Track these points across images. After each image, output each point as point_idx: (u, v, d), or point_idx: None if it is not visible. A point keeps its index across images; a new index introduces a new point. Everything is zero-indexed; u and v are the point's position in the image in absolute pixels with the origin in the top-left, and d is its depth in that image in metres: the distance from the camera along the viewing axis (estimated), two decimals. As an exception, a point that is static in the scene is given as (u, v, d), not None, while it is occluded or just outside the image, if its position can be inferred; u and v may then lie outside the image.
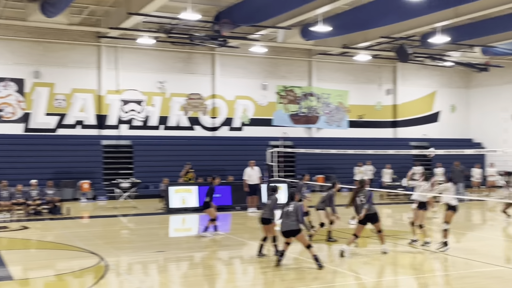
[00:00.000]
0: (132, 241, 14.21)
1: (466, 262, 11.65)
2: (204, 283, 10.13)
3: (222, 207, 20.49)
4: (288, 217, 10.86)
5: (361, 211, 12.01)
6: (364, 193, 12.10)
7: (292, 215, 10.82)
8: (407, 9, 19.99)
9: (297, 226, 10.83)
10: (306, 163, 28.68)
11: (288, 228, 10.81)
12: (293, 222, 10.80)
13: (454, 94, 34.82)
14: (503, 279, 10.24)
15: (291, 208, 10.89)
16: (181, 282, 10.28)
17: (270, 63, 30.37)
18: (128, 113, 27.51)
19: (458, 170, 23.63)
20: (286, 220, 10.86)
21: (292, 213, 10.84)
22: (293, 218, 10.82)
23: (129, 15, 21.82)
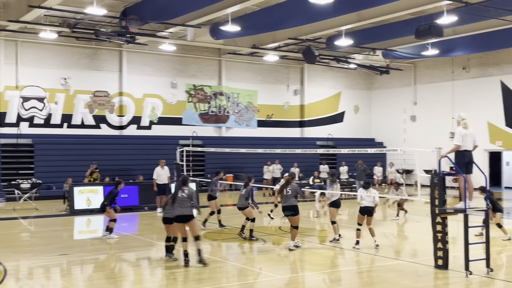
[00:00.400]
0: (33, 244, 13.56)
1: (369, 257, 12.16)
2: (110, 286, 9.85)
3: (129, 208, 20.09)
4: (182, 203, 10.85)
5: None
6: (292, 186, 12.57)
7: (186, 201, 10.84)
8: (314, 12, 20.55)
9: (190, 212, 10.94)
10: (215, 162, 28.71)
11: (181, 213, 10.85)
12: (187, 208, 10.86)
13: (357, 95, 36.25)
14: (404, 272, 10.79)
15: (185, 194, 10.90)
16: (85, 286, 9.94)
17: (180, 61, 30.11)
18: (29, 110, 26.21)
19: (360, 169, 24.64)
20: (179, 206, 10.85)
21: (186, 199, 10.85)
22: (187, 204, 10.86)
23: (31, 8, 20.79)
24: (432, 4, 20.25)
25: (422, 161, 16.32)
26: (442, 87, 32.58)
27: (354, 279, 10.16)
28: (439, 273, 10.37)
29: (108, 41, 24.75)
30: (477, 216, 11.23)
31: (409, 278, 10.29)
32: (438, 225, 10.57)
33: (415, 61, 33.53)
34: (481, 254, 10.42)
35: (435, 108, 32.51)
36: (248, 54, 30.34)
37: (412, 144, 29.19)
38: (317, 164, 29.95)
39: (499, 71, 29.96)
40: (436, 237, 10.60)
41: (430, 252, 10.97)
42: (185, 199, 10.85)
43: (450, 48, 27.54)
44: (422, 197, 13.13)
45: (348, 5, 20.30)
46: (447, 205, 10.98)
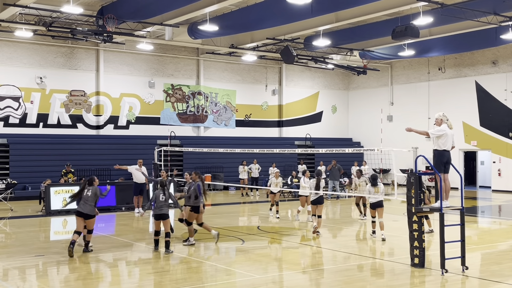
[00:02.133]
0: (8, 245, 13.36)
1: (346, 256, 12.26)
2: (87, 287, 9.76)
3: (106, 208, 19.91)
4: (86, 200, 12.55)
5: None
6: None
7: (90, 200, 12.54)
8: (292, 12, 20.63)
9: (167, 211, 12.62)
10: (194, 162, 28.62)
11: (160, 212, 12.58)
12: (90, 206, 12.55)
13: (335, 95, 36.47)
14: (380, 271, 10.91)
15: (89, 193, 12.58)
16: (62, 287, 9.84)
17: (157, 60, 29.96)
18: (4, 110, 25.82)
19: (335, 168, 24.82)
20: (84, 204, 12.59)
21: (89, 198, 12.58)
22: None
23: (5, 5, 20.48)
24: (408, 5, 20.48)
25: (398, 160, 16.49)
26: (418, 88, 32.98)
27: (331, 278, 10.23)
28: (416, 271, 10.50)
29: (84, 40, 24.51)
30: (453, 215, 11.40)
31: (385, 277, 10.40)
32: (415, 224, 10.70)
33: (392, 62, 33.87)
34: (457, 253, 10.58)
35: (412, 108, 32.88)
36: (226, 54, 30.32)
37: (389, 144, 29.50)
38: (295, 163, 30.07)
39: (474, 72, 30.43)
40: (412, 235, 10.73)
41: (406, 250, 11.10)
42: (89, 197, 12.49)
43: (426, 49, 27.89)
44: (398, 196, 13.27)
45: (326, 6, 20.42)
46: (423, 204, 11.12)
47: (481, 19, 21.51)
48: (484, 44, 26.52)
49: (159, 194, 12.62)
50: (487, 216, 20.68)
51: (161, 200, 12.56)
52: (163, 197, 12.59)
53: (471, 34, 24.94)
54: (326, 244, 13.70)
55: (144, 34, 26.09)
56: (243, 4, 22.27)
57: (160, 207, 12.54)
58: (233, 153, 23.73)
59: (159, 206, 12.55)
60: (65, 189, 20.04)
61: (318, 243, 13.85)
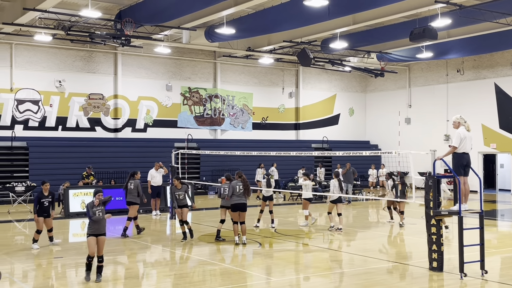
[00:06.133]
0: (27, 247, 13.50)
1: (363, 259, 12.18)
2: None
3: (124, 210, 20.01)
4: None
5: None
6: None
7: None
8: (308, 14, 20.60)
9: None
10: (210, 165, 28.71)
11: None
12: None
13: (352, 97, 36.32)
14: (399, 274, 10.82)
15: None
16: (80, 289, 9.92)
17: (175, 64, 30.11)
18: (24, 113, 26.15)
19: (349, 171, 24.68)
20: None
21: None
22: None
23: (25, 10, 20.74)
24: (426, 7, 20.32)
25: (416, 163, 16.33)
26: (436, 90, 32.70)
27: (348, 282, 10.17)
28: (434, 275, 10.40)
29: (103, 44, 24.74)
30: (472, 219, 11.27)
31: (403, 281, 10.31)
32: (433, 227, 10.60)
33: (410, 64, 33.64)
34: (476, 256, 10.45)
35: (430, 111, 32.61)
36: (243, 56, 30.37)
37: (406, 147, 29.25)
38: (312, 166, 29.98)
39: (493, 73, 30.09)
40: (431, 239, 10.63)
41: (425, 254, 11.00)
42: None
43: (444, 51, 27.65)
44: (416, 200, 13.16)
45: (343, 8, 20.36)
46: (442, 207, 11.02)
47: (500, 21, 21.27)
48: (504, 45, 26.21)
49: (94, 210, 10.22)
50: (507, 220, 20.41)
51: (98, 216, 10.19)
52: (100, 213, 10.18)
53: (490, 36, 24.66)
54: (344, 248, 13.63)
55: (162, 37, 26.23)
56: (260, 7, 22.29)
57: (98, 221, 10.21)
58: (250, 156, 23.73)
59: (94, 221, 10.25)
60: (84, 191, 20.22)
61: (336, 246, 13.78)
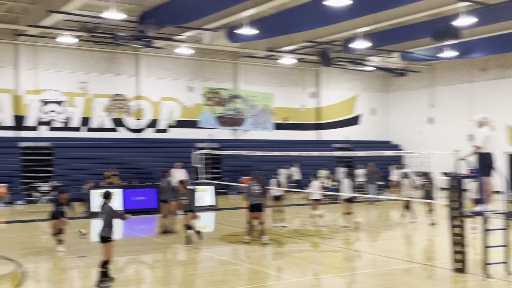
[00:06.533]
0: (52, 246, 13.70)
1: (386, 260, 12.11)
2: (128, 287, 9.93)
3: (147, 210, 20.25)
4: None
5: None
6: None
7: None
8: (330, 14, 20.54)
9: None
10: (232, 165, 28.78)
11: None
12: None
13: (374, 97, 36.09)
14: (422, 276, 10.74)
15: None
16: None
17: (196, 64, 30.26)
18: (48, 114, 26.54)
19: (372, 171, 24.54)
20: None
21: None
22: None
23: (49, 13, 21.07)
24: (449, 5, 20.11)
25: (439, 163, 16.18)
26: (460, 89, 32.31)
27: (370, 282, 10.12)
28: (457, 276, 10.29)
29: (125, 45, 24.98)
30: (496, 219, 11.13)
31: (426, 282, 10.23)
32: (456, 228, 10.50)
33: (433, 63, 33.29)
34: (500, 258, 10.32)
35: (453, 110, 32.24)
36: (264, 57, 30.39)
37: (429, 147, 29.01)
38: (333, 166, 29.84)
39: (518, 72, 29.64)
40: (454, 240, 10.52)
41: (448, 255, 10.90)
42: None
43: (468, 50, 27.30)
44: (440, 200, 13.03)
45: (365, 8, 20.25)
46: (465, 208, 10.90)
47: (525, 19, 20.97)
48: (529, 44, 25.81)
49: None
50: (533, 221, 20.05)
51: (100, 218, 9.99)
52: (101, 214, 9.96)
53: (514, 34, 24.31)
54: (366, 248, 13.57)
55: (183, 38, 26.40)
56: (281, 7, 22.29)
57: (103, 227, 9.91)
58: (271, 156, 23.74)
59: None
60: (107, 191, 20.41)
61: (358, 247, 13.73)
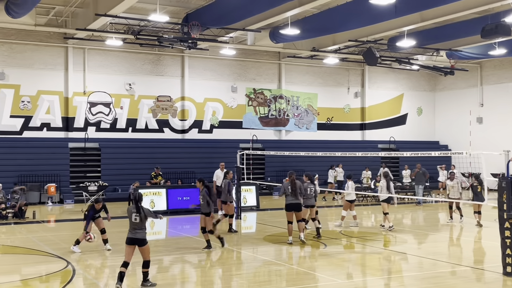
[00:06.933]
0: (99, 245, 14.00)
1: (433, 262, 11.85)
2: (173, 286, 10.05)
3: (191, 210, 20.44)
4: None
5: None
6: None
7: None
8: (375, 13, 20.27)
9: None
10: (275, 165, 28.78)
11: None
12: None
13: (420, 97, 35.43)
14: (470, 279, 10.46)
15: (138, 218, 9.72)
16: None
17: (240, 65, 30.40)
18: (96, 115, 27.16)
19: (419, 172, 24.07)
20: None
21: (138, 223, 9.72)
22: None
23: (97, 16, 21.57)
24: (499, 2, 19.53)
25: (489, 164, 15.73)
26: (510, 88, 31.36)
27: (416, 285, 9.91)
28: (508, 280, 9.98)
29: (170, 47, 25.32)
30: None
31: (475, 285, 9.96)
32: (507, 231, 10.18)
33: (482, 61, 32.43)
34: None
35: (503, 110, 31.32)
36: (308, 57, 30.26)
37: (478, 147, 28.25)
38: (378, 167, 29.44)
39: None
40: (504, 243, 10.21)
41: (498, 258, 10.57)
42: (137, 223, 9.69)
43: (518, 47, 26.47)
44: (489, 202, 12.67)
45: (411, 6, 19.89)
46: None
47: None
48: None
49: (131, 214, 9.76)
50: None
51: (134, 221, 9.73)
52: (136, 217, 9.69)
53: None
54: (412, 250, 13.32)
55: (227, 39, 26.56)
56: (324, 6, 22.14)
57: (133, 229, 9.75)
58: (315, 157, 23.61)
59: (131, 229, 9.78)
60: (153, 191, 20.77)
61: (404, 249, 13.48)
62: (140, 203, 9.85)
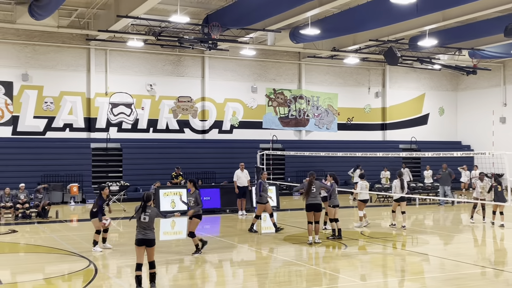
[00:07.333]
0: (121, 244, 14.13)
1: (455, 264, 11.73)
2: (194, 286, 10.11)
3: (211, 210, 20.56)
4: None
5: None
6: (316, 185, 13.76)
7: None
8: (396, 12, 20.12)
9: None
10: (295, 166, 28.74)
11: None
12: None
13: (442, 96, 35.07)
14: (491, 281, 10.33)
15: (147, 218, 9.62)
16: (170, 286, 10.25)
17: (260, 66, 30.42)
18: (117, 116, 27.41)
19: (445, 173, 23.80)
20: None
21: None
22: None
23: (118, 17, 21.77)
24: (523, 0, 19.26)
25: (512, 165, 15.54)
26: (534, 87, 30.88)
27: (440, 287, 9.82)
28: (532, 283, 9.83)
29: (191, 48, 25.46)
30: None
31: (500, 287, 9.82)
32: (531, 233, 10.03)
33: (505, 60, 31.97)
34: None
35: (527, 109, 30.85)
36: (328, 57, 30.16)
37: (501, 147, 27.85)
38: (399, 168, 29.20)
39: None
40: (528, 245, 10.06)
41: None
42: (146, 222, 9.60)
43: (543, 46, 26.06)
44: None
45: (432, 4, 19.71)
46: None
47: None
48: None
49: (138, 213, 9.68)
50: None
51: (143, 221, 9.63)
52: (145, 217, 9.62)
53: None
54: (434, 252, 13.19)
55: (247, 40, 26.61)
56: (345, 6, 22.06)
57: (143, 230, 9.64)
58: (335, 157, 23.54)
59: (141, 229, 9.67)
60: (174, 191, 20.89)
61: (426, 250, 13.37)
62: (148, 203, 9.74)
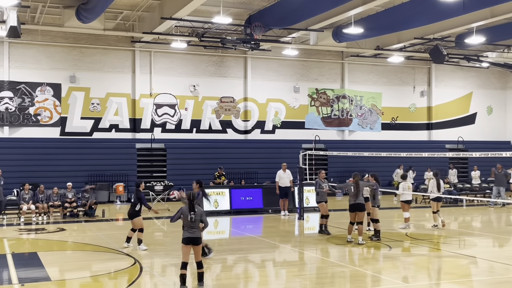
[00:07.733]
0: (165, 243, 14.32)
1: (505, 267, 11.38)
2: (237, 285, 10.14)
3: (254, 210, 20.62)
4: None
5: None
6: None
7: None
8: (442, 9, 19.70)
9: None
10: (338, 166, 28.49)
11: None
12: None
13: (490, 95, 34.13)
14: (543, 285, 9.98)
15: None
16: (214, 285, 10.31)
17: (302, 65, 30.30)
18: (162, 116, 27.80)
19: (500, 173, 23.06)
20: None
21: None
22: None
23: (162, 19, 22.08)
24: None
25: None
26: None
27: (488, 291, 9.55)
28: None
29: (233, 49, 25.58)
30: None
31: (551, 293, 9.49)
32: None
33: (557, 57, 30.87)
34: None
35: None
36: (371, 56, 29.80)
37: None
38: (446, 168, 28.59)
39: None
40: None
41: None
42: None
43: None
44: None
45: (480, 1, 19.21)
46: None
47: None
48: None
49: (186, 212, 9.52)
50: None
51: (190, 220, 9.48)
52: (193, 216, 9.45)
53: None
54: (483, 254, 12.83)
55: (289, 40, 26.55)
56: (389, 4, 21.73)
57: (191, 228, 9.51)
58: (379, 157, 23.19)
59: (188, 228, 9.53)
60: (216, 191, 21.04)
61: (474, 252, 13.02)
62: (195, 202, 9.69)
